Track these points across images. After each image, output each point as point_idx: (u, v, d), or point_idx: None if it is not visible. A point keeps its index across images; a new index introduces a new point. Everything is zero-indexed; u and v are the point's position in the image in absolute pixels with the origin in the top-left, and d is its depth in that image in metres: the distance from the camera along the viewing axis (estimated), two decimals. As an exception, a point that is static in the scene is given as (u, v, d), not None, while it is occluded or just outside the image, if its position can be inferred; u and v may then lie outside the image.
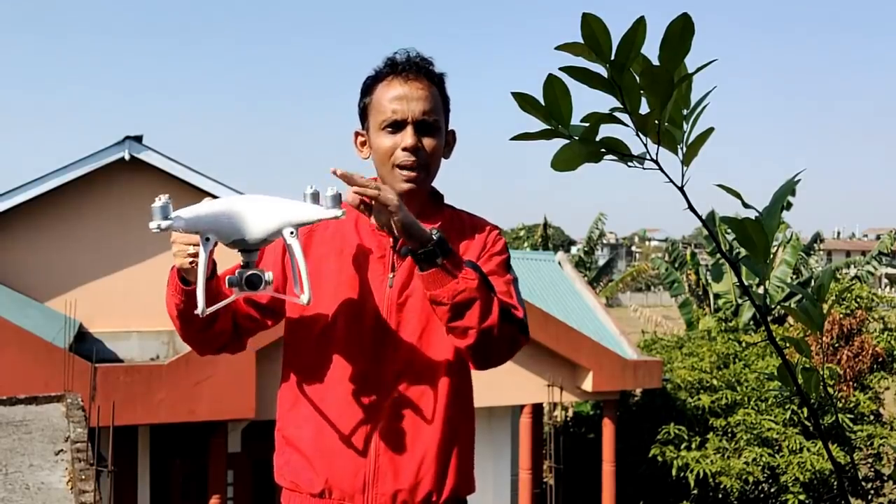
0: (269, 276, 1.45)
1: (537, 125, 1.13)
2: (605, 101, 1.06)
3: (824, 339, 10.84)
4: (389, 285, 1.66)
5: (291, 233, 1.45)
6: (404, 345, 1.65)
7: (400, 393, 1.64)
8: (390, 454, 1.63)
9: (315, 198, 1.49)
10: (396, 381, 1.64)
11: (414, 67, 1.66)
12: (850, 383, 10.94)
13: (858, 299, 11.57)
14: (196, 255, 1.46)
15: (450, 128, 1.74)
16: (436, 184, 1.76)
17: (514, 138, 1.17)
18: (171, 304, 1.59)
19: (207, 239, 1.42)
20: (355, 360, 1.65)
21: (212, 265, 1.54)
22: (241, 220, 1.44)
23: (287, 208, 1.46)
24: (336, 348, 1.65)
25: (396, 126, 1.64)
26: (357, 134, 1.74)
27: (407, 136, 1.63)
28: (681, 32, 1.00)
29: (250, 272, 1.45)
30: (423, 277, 1.51)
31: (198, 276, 1.44)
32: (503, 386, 8.61)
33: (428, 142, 1.65)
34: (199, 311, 1.44)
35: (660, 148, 1.08)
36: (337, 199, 1.45)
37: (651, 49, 1.01)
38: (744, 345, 11.45)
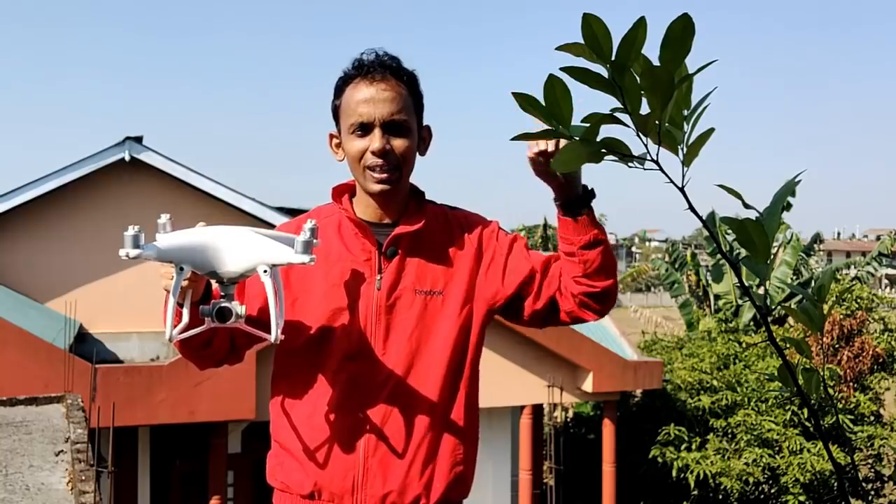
0: (240, 309, 1.48)
1: (538, 125, 1.13)
2: (605, 102, 1.06)
3: (825, 339, 10.84)
4: (377, 287, 1.66)
5: (265, 271, 1.47)
6: (394, 347, 1.65)
7: (391, 395, 1.64)
8: (380, 456, 1.63)
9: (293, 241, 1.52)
10: (387, 383, 1.64)
11: (380, 68, 1.64)
12: (851, 384, 10.94)
13: (859, 300, 11.57)
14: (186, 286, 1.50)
15: (425, 124, 1.73)
16: (425, 182, 1.77)
17: (514, 138, 1.17)
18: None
19: (182, 269, 1.45)
20: (345, 364, 1.65)
21: (204, 289, 1.57)
22: (216, 254, 1.47)
23: (262, 247, 1.49)
24: (326, 352, 1.65)
25: (364, 129, 1.63)
26: (331, 136, 1.74)
27: (375, 139, 1.62)
28: (681, 33, 1.00)
29: (221, 305, 1.47)
30: (578, 223, 1.59)
31: (169, 303, 1.47)
32: (503, 386, 8.61)
33: (398, 143, 1.64)
34: (166, 336, 1.48)
35: (660, 148, 1.08)
36: (308, 245, 1.47)
37: (652, 50, 1.01)
38: (744, 345, 11.44)
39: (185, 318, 1.52)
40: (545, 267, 1.70)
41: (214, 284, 1.57)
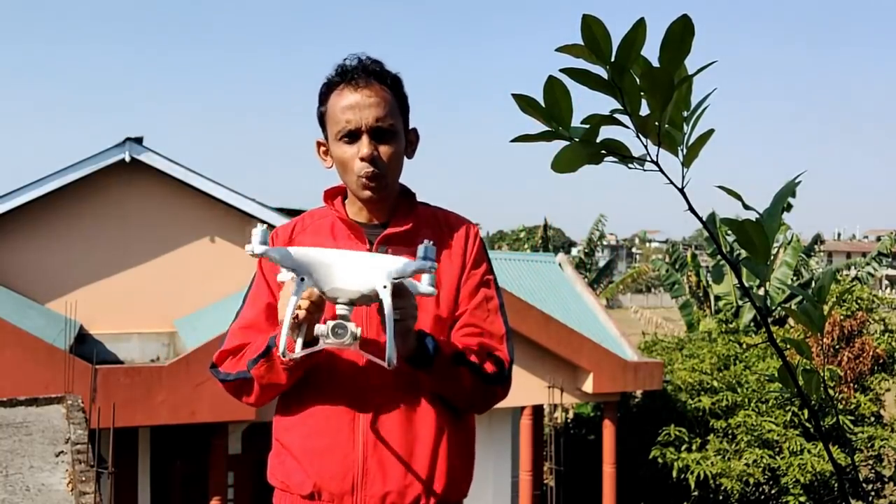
0: (357, 330, 1.44)
1: (538, 127, 1.13)
2: (605, 103, 1.06)
3: (825, 340, 10.84)
4: None
5: (385, 286, 1.46)
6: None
7: (387, 396, 1.64)
8: (378, 456, 1.63)
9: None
10: (382, 384, 1.64)
11: (363, 73, 1.65)
12: (851, 385, 10.94)
13: (859, 301, 11.57)
14: (305, 309, 1.47)
15: (411, 126, 1.74)
16: (416, 182, 1.78)
17: (514, 140, 1.17)
18: (264, 378, 1.62)
19: (302, 279, 1.44)
20: (340, 364, 1.65)
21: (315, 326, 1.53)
22: (338, 271, 1.46)
23: (383, 263, 1.49)
24: (321, 353, 1.63)
25: (352, 136, 1.64)
26: (319, 143, 1.75)
27: (363, 146, 1.63)
28: (681, 34, 1.00)
29: (335, 322, 1.44)
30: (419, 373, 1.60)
31: (286, 316, 1.44)
32: (504, 387, 8.59)
33: (385, 148, 1.65)
34: (279, 352, 1.45)
35: (660, 149, 1.08)
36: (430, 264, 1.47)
37: (651, 51, 1.01)
38: (744, 346, 11.44)
39: (299, 348, 1.50)
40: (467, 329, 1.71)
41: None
